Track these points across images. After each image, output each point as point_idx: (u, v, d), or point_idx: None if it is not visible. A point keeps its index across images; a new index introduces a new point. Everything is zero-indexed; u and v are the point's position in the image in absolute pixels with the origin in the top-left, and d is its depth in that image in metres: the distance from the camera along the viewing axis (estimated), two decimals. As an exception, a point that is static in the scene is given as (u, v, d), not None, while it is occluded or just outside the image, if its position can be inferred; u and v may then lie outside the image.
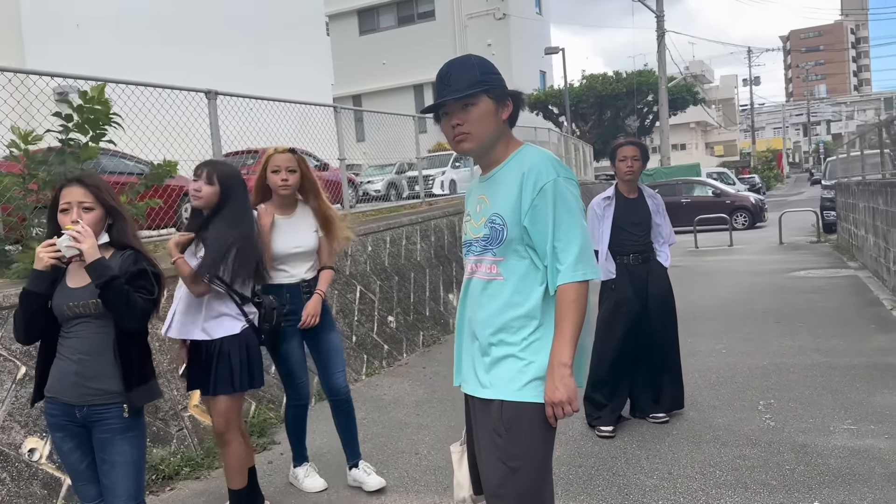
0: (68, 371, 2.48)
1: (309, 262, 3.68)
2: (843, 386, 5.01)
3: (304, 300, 3.61)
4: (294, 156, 3.58)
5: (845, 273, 10.36)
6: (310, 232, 3.66)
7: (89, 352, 2.48)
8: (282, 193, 3.55)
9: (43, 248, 2.43)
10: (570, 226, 2.02)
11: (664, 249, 4.60)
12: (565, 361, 1.97)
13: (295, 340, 3.62)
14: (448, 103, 2.09)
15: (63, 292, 2.51)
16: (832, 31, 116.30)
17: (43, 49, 12.31)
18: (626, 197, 4.50)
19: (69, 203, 2.49)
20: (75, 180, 2.54)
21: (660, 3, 27.99)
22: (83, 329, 2.49)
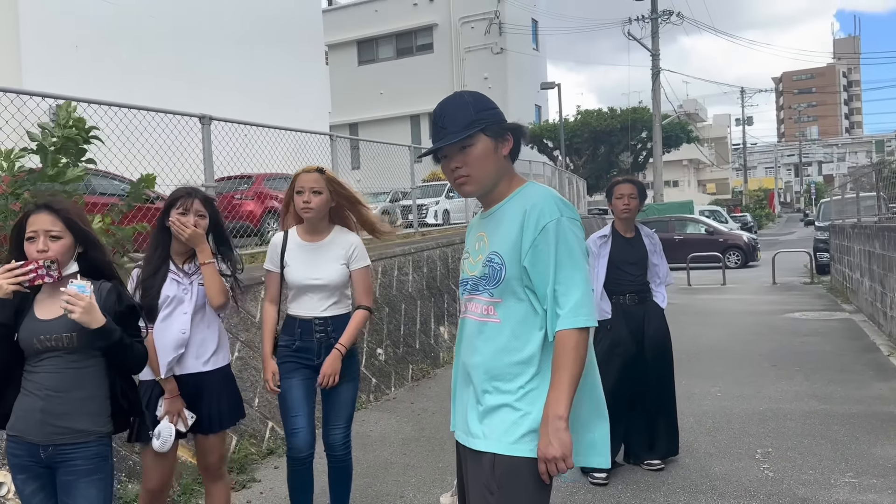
0: (33, 408, 2.31)
1: (330, 299, 3.26)
2: (842, 436, 4.88)
3: (318, 340, 3.23)
4: (322, 176, 3.23)
5: (840, 316, 10.28)
6: (335, 264, 3.25)
7: (58, 388, 2.31)
8: (305, 217, 3.22)
9: (2, 275, 2.25)
10: (573, 269, 1.91)
11: (661, 290, 4.50)
12: (561, 414, 1.83)
13: (295, 378, 3.24)
14: (446, 147, 2.00)
15: (31, 324, 2.33)
16: (824, 74, 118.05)
17: (41, 70, 12.26)
18: (623, 236, 4.41)
19: (35, 231, 2.31)
20: (43, 206, 2.36)
21: (655, 42, 28.35)
22: (51, 363, 2.32)
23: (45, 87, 10.59)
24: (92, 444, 2.36)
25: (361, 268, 3.31)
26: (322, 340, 3.23)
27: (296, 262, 3.25)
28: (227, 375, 3.10)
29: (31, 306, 2.37)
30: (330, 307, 3.26)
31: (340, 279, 3.26)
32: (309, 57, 20.11)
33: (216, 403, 3.01)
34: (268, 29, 18.16)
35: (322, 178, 3.23)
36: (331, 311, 3.26)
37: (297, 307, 3.28)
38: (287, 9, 19.08)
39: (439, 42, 33.88)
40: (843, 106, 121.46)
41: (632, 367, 4.32)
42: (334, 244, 3.29)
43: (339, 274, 3.25)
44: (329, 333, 3.23)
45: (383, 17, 34.62)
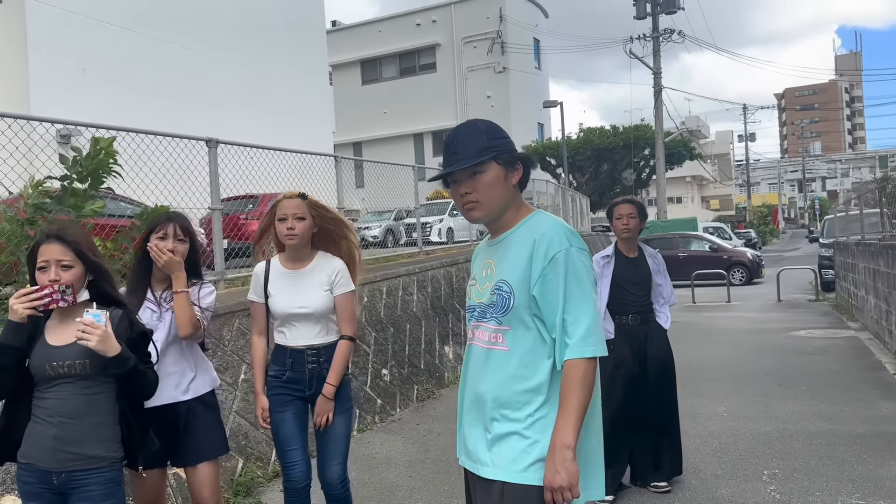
0: (46, 435, 2.33)
1: (317, 327, 3.17)
2: (849, 456, 4.86)
3: (310, 370, 3.15)
4: (304, 202, 3.16)
5: (846, 334, 10.26)
6: (320, 290, 3.16)
7: (70, 414, 2.34)
8: (288, 244, 3.15)
9: (17, 299, 2.29)
10: (582, 298, 1.93)
11: (664, 310, 4.48)
12: (568, 443, 1.84)
13: (287, 411, 3.16)
14: (456, 171, 2.03)
15: (44, 350, 2.36)
16: (827, 90, 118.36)
17: (48, 92, 12.41)
18: (627, 256, 4.40)
19: (47, 261, 2.36)
20: (54, 236, 2.40)
21: (657, 60, 28.52)
22: (63, 390, 2.35)
23: (53, 109, 10.75)
24: (105, 470, 2.38)
25: (345, 293, 3.22)
26: (314, 371, 3.16)
27: (279, 290, 3.17)
28: (207, 404, 3.02)
29: (42, 333, 2.40)
30: (319, 334, 3.17)
31: (326, 306, 3.16)
32: (313, 77, 20.30)
33: (201, 432, 2.94)
34: (273, 50, 18.36)
35: (304, 203, 3.16)
36: (321, 338, 3.17)
37: (287, 337, 3.19)
38: (292, 30, 19.29)
39: (442, 61, 34.16)
40: (846, 122, 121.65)
41: (635, 388, 4.29)
42: (317, 270, 3.21)
43: (324, 301, 3.16)
44: (321, 364, 3.15)
45: (387, 38, 34.94)
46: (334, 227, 3.29)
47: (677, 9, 28.34)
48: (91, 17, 13.45)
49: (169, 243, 2.91)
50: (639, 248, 4.46)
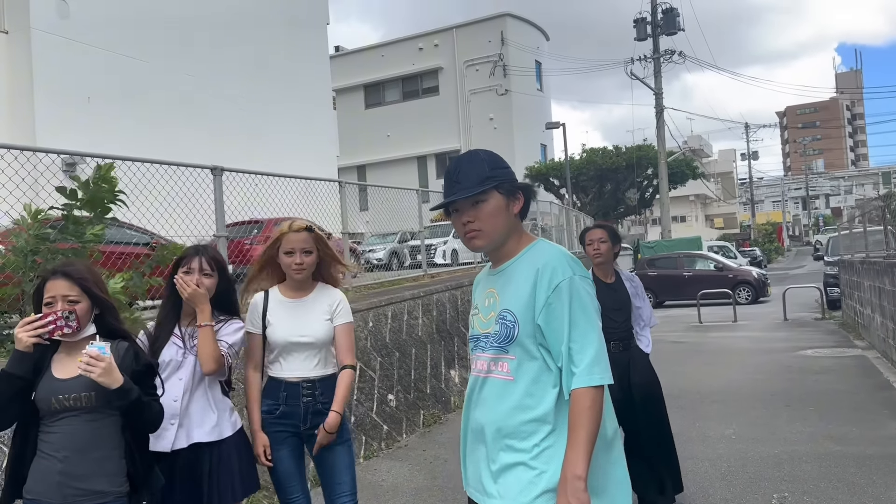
0: (51, 470, 2.32)
1: (316, 358, 3.10)
2: (858, 478, 4.82)
3: (305, 404, 3.05)
4: (311, 235, 3.12)
5: (853, 353, 10.20)
6: (321, 320, 3.11)
7: (76, 449, 2.33)
8: (296, 278, 3.11)
9: (21, 328, 2.29)
10: (587, 327, 1.94)
11: (645, 333, 4.42)
12: (579, 474, 1.83)
13: (284, 450, 3.07)
14: (458, 200, 2.05)
15: (49, 383, 2.36)
16: (828, 108, 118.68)
17: (54, 121, 12.54)
18: (604, 281, 4.29)
19: (53, 297, 2.37)
20: (60, 272, 2.41)
21: (658, 80, 28.69)
22: (69, 424, 2.34)
23: (58, 138, 10.85)
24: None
25: (345, 323, 3.17)
26: (309, 405, 3.05)
27: (280, 319, 3.10)
28: (236, 444, 2.93)
29: (48, 366, 2.40)
30: (317, 367, 3.09)
31: (327, 335, 3.11)
32: (317, 102, 20.48)
33: (226, 475, 2.85)
34: (277, 76, 18.55)
35: (311, 237, 3.12)
36: (318, 370, 3.09)
37: (282, 368, 3.10)
38: (295, 56, 19.50)
39: (445, 85, 34.44)
40: (848, 139, 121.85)
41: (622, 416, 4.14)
42: (318, 300, 3.17)
43: (326, 330, 3.11)
44: (317, 397, 3.06)
45: (389, 62, 35.27)
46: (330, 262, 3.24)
47: (677, 30, 28.59)
48: (96, 46, 13.62)
49: (194, 277, 2.87)
50: (615, 273, 4.39)
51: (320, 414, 3.05)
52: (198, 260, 2.92)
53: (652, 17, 28.82)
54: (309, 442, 3.09)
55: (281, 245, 3.10)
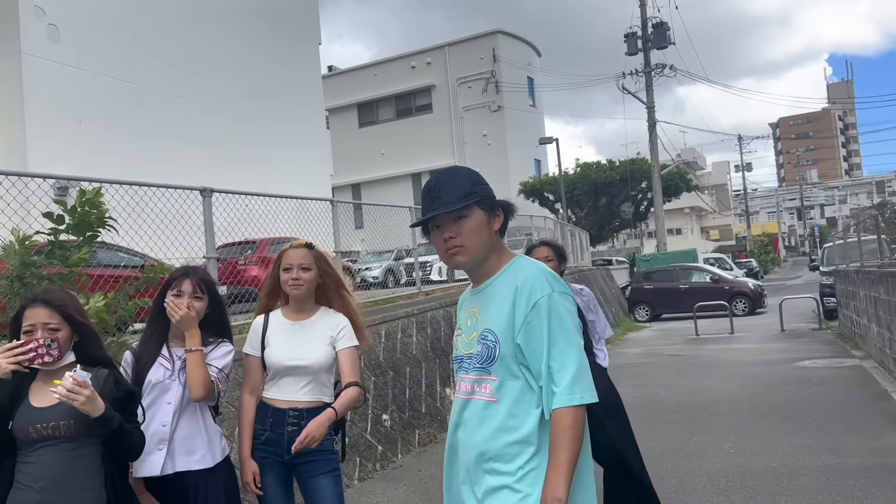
0: (29, 501, 2.26)
1: (308, 385, 2.97)
2: (857, 491, 4.77)
3: (289, 433, 2.89)
4: (311, 252, 3.04)
5: (850, 363, 10.16)
6: (322, 344, 3.00)
7: (54, 479, 2.28)
8: (293, 294, 3.01)
9: (2, 354, 2.25)
10: (566, 345, 1.90)
11: (601, 347, 4.17)
12: (559, 497, 1.79)
13: (269, 475, 2.94)
14: (439, 216, 2.02)
15: (27, 412, 2.31)
16: (820, 118, 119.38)
17: (46, 145, 12.54)
18: None
19: (33, 325, 2.33)
20: (40, 300, 2.37)
21: (650, 94, 28.83)
22: (46, 453, 2.29)
23: (50, 162, 10.84)
24: None
25: (349, 348, 3.06)
26: (293, 434, 2.87)
27: (279, 342, 3.01)
28: (222, 473, 2.85)
29: (26, 395, 2.35)
30: (307, 394, 2.96)
31: (326, 361, 3.00)
32: (310, 122, 20.53)
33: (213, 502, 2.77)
34: (270, 96, 18.59)
35: (311, 254, 3.05)
36: (308, 396, 2.96)
37: (274, 392, 3.00)
38: (288, 76, 19.56)
39: (438, 102, 34.59)
40: (842, 149, 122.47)
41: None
42: (320, 323, 3.06)
43: (325, 355, 3.00)
44: (301, 427, 2.85)
45: (382, 81, 35.44)
46: (333, 287, 3.15)
47: (668, 44, 28.77)
48: (87, 69, 13.65)
49: (184, 300, 2.80)
50: None
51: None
52: (188, 282, 2.85)
53: (642, 32, 29.00)
54: (296, 471, 2.98)
55: (281, 263, 3.05)
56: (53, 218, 4.50)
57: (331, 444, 3.01)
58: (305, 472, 2.95)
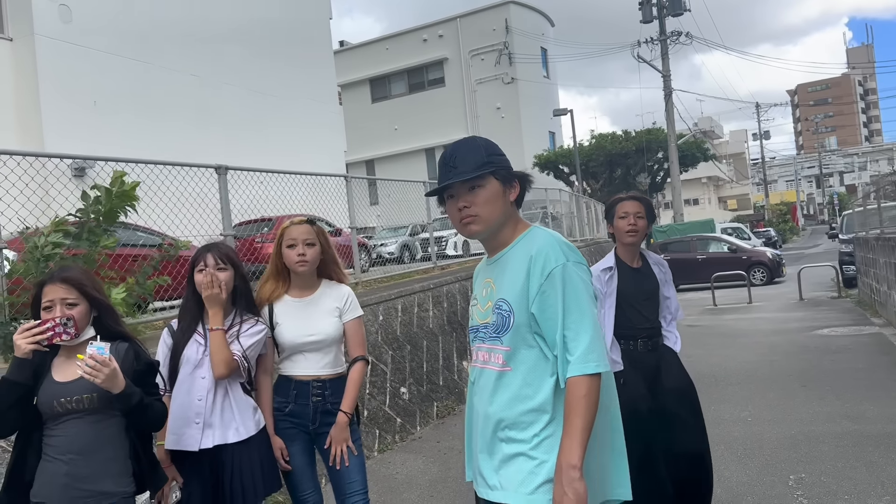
0: (57, 473, 2.32)
1: (327, 357, 3.05)
2: (877, 457, 4.76)
3: (314, 404, 3.01)
4: (313, 227, 3.08)
5: (870, 331, 10.09)
6: (330, 318, 3.06)
7: (80, 451, 2.34)
8: (299, 271, 3.03)
9: (20, 335, 2.30)
10: (581, 314, 1.90)
11: (672, 329, 3.68)
12: (574, 463, 1.80)
13: (296, 445, 3.04)
14: (454, 186, 2.03)
15: (50, 387, 2.36)
16: (840, 84, 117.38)
17: (62, 125, 12.61)
18: (629, 266, 3.57)
19: (52, 301, 2.38)
20: (57, 277, 2.43)
21: (665, 63, 28.43)
22: (72, 426, 2.35)
23: (66, 142, 10.91)
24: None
25: (355, 318, 3.13)
26: (318, 405, 3.01)
27: (287, 320, 3.04)
28: (258, 444, 2.89)
29: (48, 370, 2.41)
30: (327, 365, 3.05)
31: (337, 333, 3.06)
32: (323, 98, 20.46)
33: (249, 475, 2.81)
34: (282, 73, 18.54)
35: (313, 229, 3.07)
36: (328, 369, 3.05)
37: (293, 367, 3.05)
38: (300, 53, 19.49)
39: (450, 75, 34.33)
40: (861, 115, 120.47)
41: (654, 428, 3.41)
42: (326, 296, 3.11)
43: (335, 328, 3.06)
44: (326, 397, 3.02)
45: (394, 55, 35.20)
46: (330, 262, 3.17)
47: (683, 10, 28.28)
48: (100, 49, 13.66)
49: (209, 274, 2.82)
50: (642, 256, 3.66)
51: (329, 414, 3.02)
52: (210, 256, 2.88)
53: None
54: (318, 440, 3.07)
55: (283, 240, 3.05)
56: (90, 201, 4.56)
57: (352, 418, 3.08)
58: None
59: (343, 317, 3.10)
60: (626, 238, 3.53)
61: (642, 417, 3.33)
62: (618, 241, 3.61)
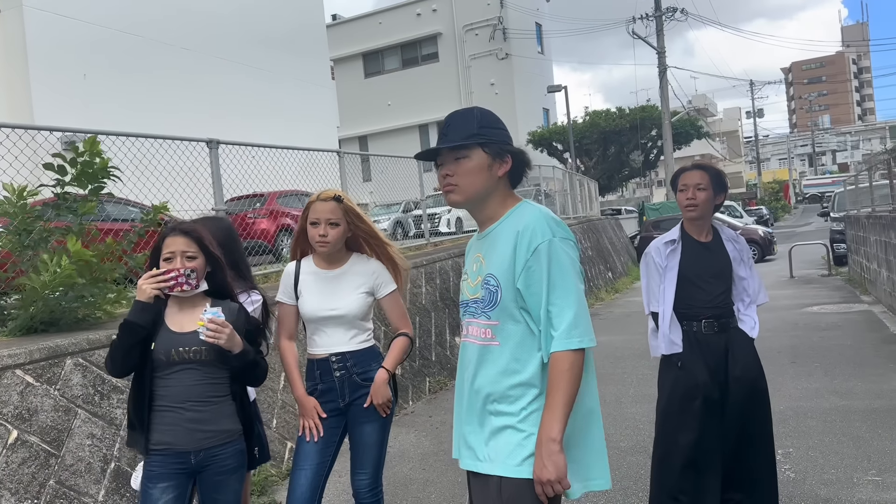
0: (179, 419, 2.47)
1: (349, 332, 2.97)
2: (864, 432, 4.83)
3: (339, 378, 2.95)
4: (340, 205, 2.93)
5: (859, 308, 10.18)
6: (355, 293, 2.96)
7: (199, 397, 2.49)
8: (319, 251, 2.96)
9: (145, 280, 2.43)
10: (565, 289, 1.91)
11: (750, 313, 3.34)
12: (554, 437, 1.83)
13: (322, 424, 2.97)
14: (442, 153, 2.03)
15: (168, 335, 2.48)
16: (834, 62, 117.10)
17: (51, 98, 12.48)
18: (697, 240, 3.30)
19: (172, 252, 2.48)
20: (178, 230, 2.53)
21: (660, 39, 28.28)
22: (187, 376, 2.48)
23: (56, 116, 10.80)
24: (236, 442, 2.59)
25: (390, 293, 3.05)
26: (344, 378, 2.96)
27: (310, 292, 2.98)
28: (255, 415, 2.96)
29: (163, 320, 2.52)
30: (347, 341, 2.97)
31: (360, 309, 2.97)
32: (315, 72, 20.30)
33: None
34: (274, 47, 18.36)
35: (339, 207, 2.93)
36: (350, 345, 2.97)
37: (314, 346, 3.02)
38: (291, 27, 19.28)
39: (444, 50, 34.07)
40: (855, 93, 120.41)
41: (714, 421, 3.19)
42: (353, 272, 3.02)
43: (360, 303, 2.96)
44: (350, 369, 2.95)
45: (387, 29, 34.88)
46: (368, 239, 3.06)
47: (679, -14, 28.05)
48: (90, 22, 13.49)
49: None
50: (713, 230, 3.36)
51: (358, 387, 2.96)
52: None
53: (653, -26, 28.29)
54: (350, 412, 3.00)
55: (308, 215, 2.96)
56: (55, 168, 4.50)
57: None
58: (358, 416, 2.99)
59: (377, 293, 3.03)
60: (686, 213, 3.28)
61: (697, 410, 3.16)
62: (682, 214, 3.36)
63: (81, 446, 3.75)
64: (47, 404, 3.68)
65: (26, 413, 3.57)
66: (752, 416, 3.21)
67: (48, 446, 3.60)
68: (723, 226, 3.46)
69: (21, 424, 3.54)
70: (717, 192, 3.26)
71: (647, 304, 3.39)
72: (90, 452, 3.78)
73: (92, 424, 3.85)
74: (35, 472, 3.50)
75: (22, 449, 3.49)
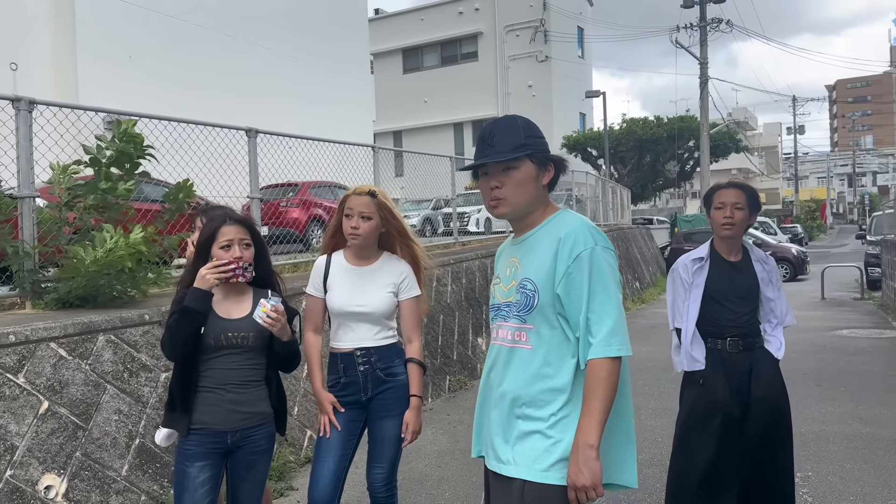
0: (220, 400, 2.60)
1: (373, 329, 3.01)
2: (886, 461, 4.76)
3: (363, 373, 2.99)
4: (374, 200, 2.96)
5: (890, 335, 9.99)
6: (383, 291, 3.01)
7: (240, 381, 2.63)
8: (351, 243, 2.99)
9: (208, 269, 2.56)
10: (605, 297, 1.93)
11: (777, 334, 3.34)
12: (591, 443, 1.85)
13: (341, 418, 3.01)
14: (489, 164, 2.04)
15: (218, 321, 2.62)
16: (880, 82, 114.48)
17: (97, 80, 12.73)
18: (726, 259, 3.31)
19: (230, 240, 2.61)
20: (233, 219, 2.66)
21: (703, 50, 27.93)
22: (231, 360, 2.62)
23: (101, 97, 11.02)
24: (269, 424, 2.74)
25: (412, 298, 3.08)
26: (367, 372, 2.99)
27: (339, 286, 3.02)
28: None
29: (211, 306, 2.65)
30: (372, 337, 3.01)
31: (386, 308, 3.01)
32: (354, 65, 20.43)
33: None
34: (315, 39, 18.52)
35: (373, 202, 2.96)
36: (374, 341, 3.01)
37: (338, 339, 3.05)
38: (333, 19, 19.43)
39: (484, 50, 34.02)
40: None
41: (733, 440, 3.19)
42: (382, 271, 3.05)
43: (386, 302, 3.01)
44: (374, 364, 2.99)
45: (428, 26, 34.92)
46: (397, 236, 3.11)
47: (725, -3, 27.66)
48: (137, 5, 13.73)
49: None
50: (743, 250, 3.35)
51: (381, 381, 3.00)
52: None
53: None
54: (371, 406, 3.03)
55: (344, 208, 3.01)
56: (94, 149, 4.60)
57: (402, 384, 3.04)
58: (379, 411, 3.02)
59: (400, 295, 3.06)
60: (721, 231, 3.26)
61: (716, 428, 3.16)
62: (714, 233, 3.36)
63: (108, 421, 3.85)
64: (78, 378, 3.78)
65: (58, 385, 3.68)
66: (772, 438, 3.20)
67: (77, 419, 3.70)
68: (753, 246, 3.46)
69: (52, 396, 3.65)
70: (752, 211, 3.28)
71: (672, 320, 3.41)
72: (116, 427, 3.87)
73: (119, 400, 3.95)
74: (63, 442, 3.61)
75: (52, 420, 3.60)
